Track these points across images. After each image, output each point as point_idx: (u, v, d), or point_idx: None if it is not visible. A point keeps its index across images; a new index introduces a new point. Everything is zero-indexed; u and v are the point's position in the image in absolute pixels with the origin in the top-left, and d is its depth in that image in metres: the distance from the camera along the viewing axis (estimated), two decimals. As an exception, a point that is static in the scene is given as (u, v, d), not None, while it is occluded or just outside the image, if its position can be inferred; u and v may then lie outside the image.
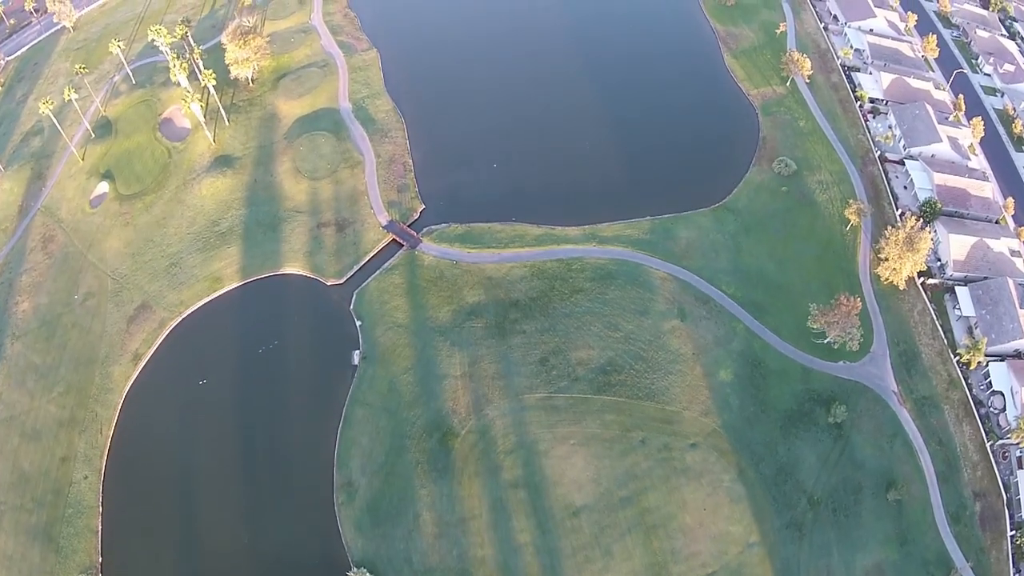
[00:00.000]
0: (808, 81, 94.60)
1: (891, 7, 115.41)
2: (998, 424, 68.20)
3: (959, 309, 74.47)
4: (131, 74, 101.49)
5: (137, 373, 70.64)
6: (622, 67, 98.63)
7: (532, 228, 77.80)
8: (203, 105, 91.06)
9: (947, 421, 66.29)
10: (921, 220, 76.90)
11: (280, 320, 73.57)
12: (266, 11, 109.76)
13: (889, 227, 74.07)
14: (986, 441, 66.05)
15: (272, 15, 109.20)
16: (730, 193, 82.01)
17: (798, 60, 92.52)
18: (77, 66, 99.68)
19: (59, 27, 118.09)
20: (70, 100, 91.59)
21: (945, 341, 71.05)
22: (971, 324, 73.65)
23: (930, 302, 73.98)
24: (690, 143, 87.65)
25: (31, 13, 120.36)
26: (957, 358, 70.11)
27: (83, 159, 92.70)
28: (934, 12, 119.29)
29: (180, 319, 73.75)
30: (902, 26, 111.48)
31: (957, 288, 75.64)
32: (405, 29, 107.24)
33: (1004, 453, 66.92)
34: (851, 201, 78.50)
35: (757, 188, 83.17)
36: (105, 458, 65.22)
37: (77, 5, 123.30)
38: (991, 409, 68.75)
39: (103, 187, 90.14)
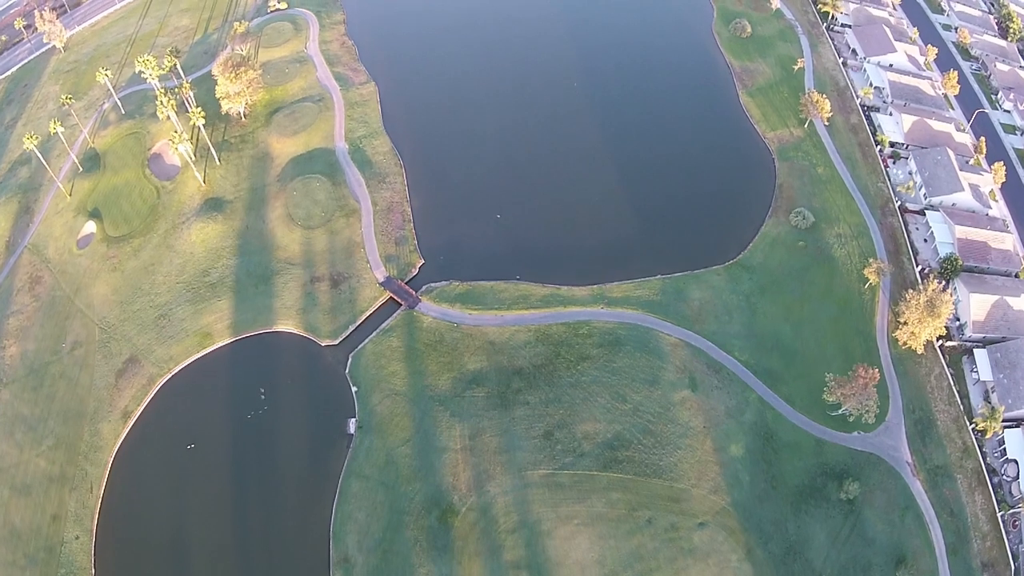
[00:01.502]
0: (827, 124, 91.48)
1: (910, 39, 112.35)
2: (1010, 492, 67.37)
3: (976, 373, 72.79)
4: (120, 104, 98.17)
5: (127, 432, 68.37)
6: (633, 106, 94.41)
7: (537, 288, 74.71)
8: (193, 143, 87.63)
9: (959, 491, 65.08)
10: (941, 279, 74.52)
11: (272, 382, 70.51)
12: (260, 38, 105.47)
13: (910, 290, 71.63)
14: (997, 511, 65.04)
15: (266, 42, 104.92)
16: (745, 248, 79.14)
17: (817, 101, 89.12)
18: (64, 96, 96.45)
19: (50, 46, 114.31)
20: (56, 132, 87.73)
21: (961, 407, 69.43)
22: (988, 388, 71.67)
23: (948, 366, 71.98)
24: (705, 192, 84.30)
25: (21, 31, 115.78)
26: (973, 425, 68.60)
27: (70, 195, 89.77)
28: (952, 43, 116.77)
29: (170, 376, 71.18)
30: (921, 60, 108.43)
31: (975, 350, 73.60)
32: (406, 59, 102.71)
33: (1015, 522, 66.09)
34: (871, 260, 76.00)
35: (773, 243, 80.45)
36: (96, 519, 63.45)
37: (67, 24, 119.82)
38: (1004, 477, 67.66)
39: (90, 227, 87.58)
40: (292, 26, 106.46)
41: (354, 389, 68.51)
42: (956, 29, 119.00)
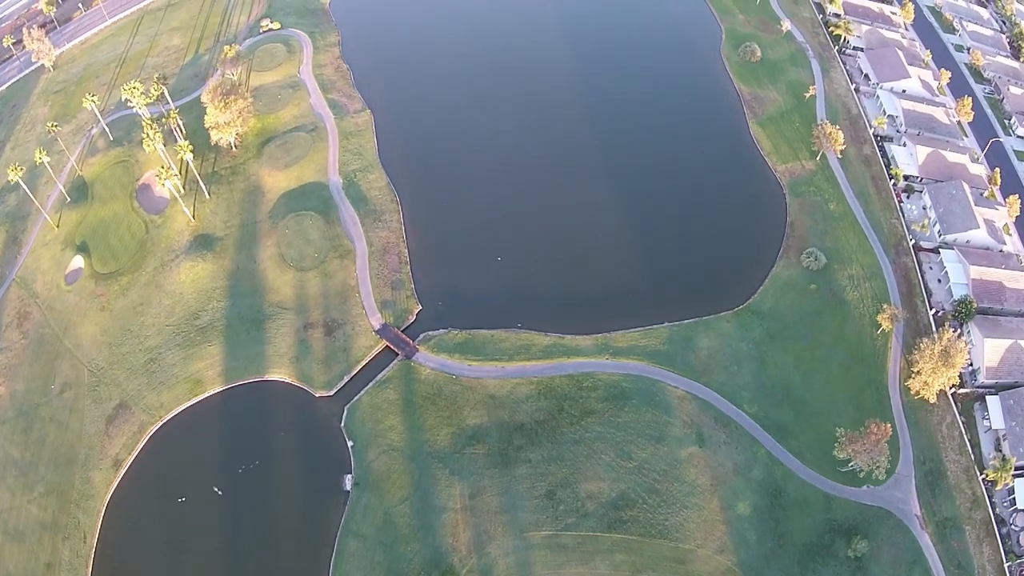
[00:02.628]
0: (840, 156, 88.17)
1: (923, 62, 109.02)
2: (1018, 543, 65.82)
3: (988, 420, 71.07)
4: (108, 130, 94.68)
5: (118, 480, 66.06)
6: (641, 138, 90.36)
7: (539, 337, 71.94)
8: (181, 174, 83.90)
9: (967, 543, 63.55)
10: (955, 323, 72.48)
11: (266, 433, 68.04)
12: (252, 60, 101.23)
13: (924, 339, 69.15)
14: (1005, 561, 63.67)
15: (258, 65, 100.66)
16: (755, 292, 76.33)
17: (831, 134, 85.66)
18: (50, 124, 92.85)
19: (39, 64, 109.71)
20: (42, 163, 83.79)
21: (972, 457, 67.89)
22: (1000, 436, 69.82)
23: (959, 414, 70.11)
24: (714, 231, 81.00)
25: (10, 48, 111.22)
26: (983, 476, 66.94)
27: (58, 226, 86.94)
28: (965, 64, 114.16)
29: (160, 424, 68.60)
30: (935, 85, 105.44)
31: (988, 397, 71.36)
32: (402, 85, 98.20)
33: (1021, 572, 64.46)
34: (884, 306, 73.32)
35: (784, 286, 77.67)
36: (90, 569, 61.19)
37: (57, 41, 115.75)
38: (1013, 527, 66.21)
39: (78, 261, 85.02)
40: (285, 48, 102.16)
41: (350, 443, 66.11)
42: (968, 50, 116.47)
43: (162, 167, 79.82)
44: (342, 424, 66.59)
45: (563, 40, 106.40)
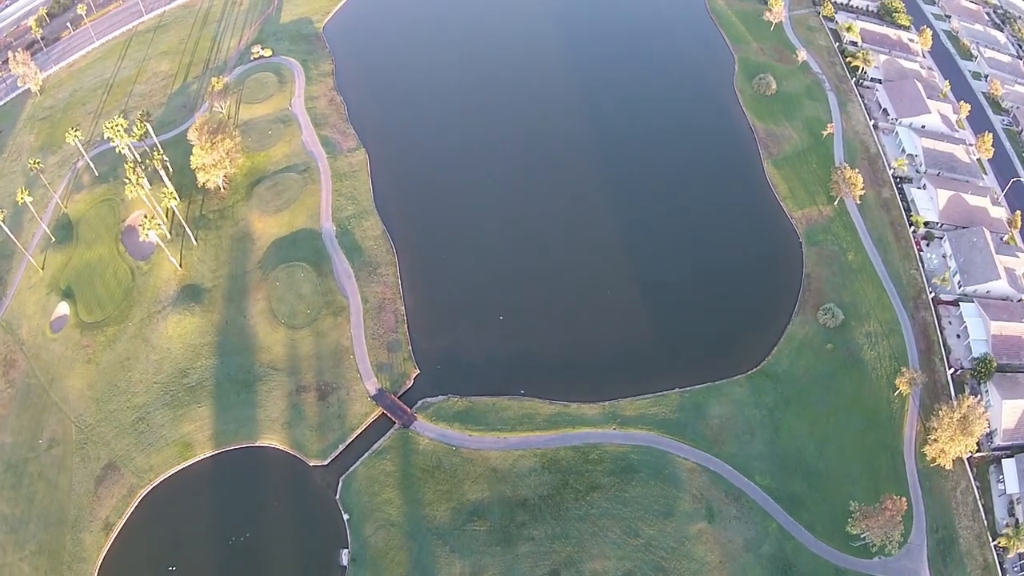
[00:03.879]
0: (859, 202, 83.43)
1: (942, 93, 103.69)
2: None
3: (1003, 484, 68.14)
4: (93, 166, 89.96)
5: (109, 544, 62.73)
6: (650, 183, 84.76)
7: (543, 405, 67.80)
8: (168, 218, 78.85)
9: None
10: (974, 381, 69.18)
11: (258, 503, 64.46)
12: (241, 91, 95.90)
13: (943, 407, 65.33)
14: None
15: (248, 97, 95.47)
16: (770, 353, 72.18)
17: (850, 179, 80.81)
18: (32, 161, 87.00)
19: (25, 88, 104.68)
20: (24, 202, 78.35)
21: (985, 523, 64.91)
22: (1014, 500, 66.69)
23: (974, 478, 67.00)
24: (727, 286, 76.20)
25: None
26: (996, 543, 64.01)
27: (43, 268, 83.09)
28: (983, 94, 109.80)
29: (151, 487, 65.19)
30: (954, 119, 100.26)
31: (1004, 460, 68.18)
32: (399, 120, 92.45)
33: None
34: (903, 369, 69.39)
35: (800, 346, 73.59)
36: None
37: (44, 64, 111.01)
38: None
39: (63, 308, 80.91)
40: (276, 78, 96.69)
41: (346, 517, 62.61)
42: (987, 78, 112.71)
43: (145, 216, 74.71)
44: (337, 496, 63.23)
45: (570, 72, 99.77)
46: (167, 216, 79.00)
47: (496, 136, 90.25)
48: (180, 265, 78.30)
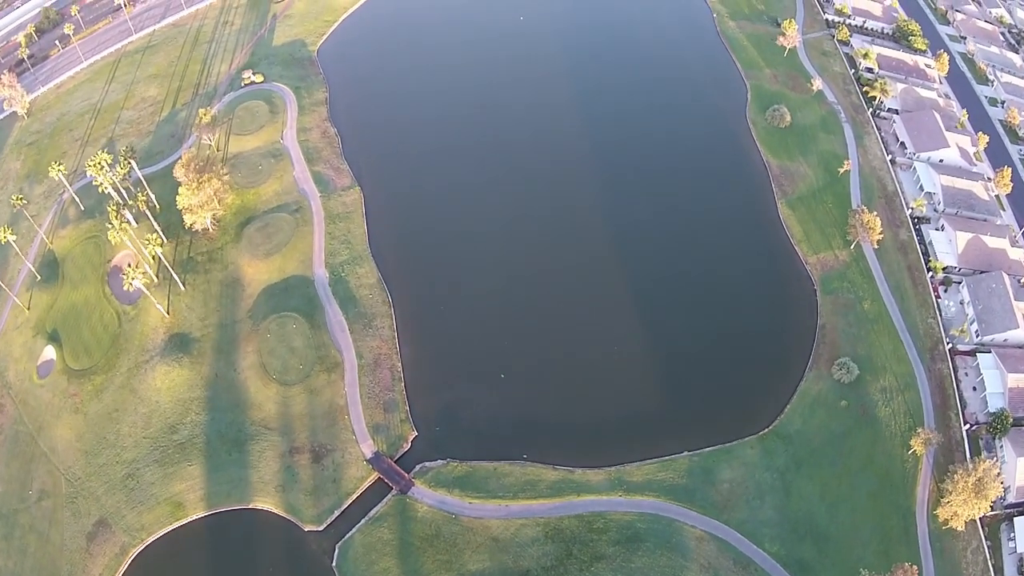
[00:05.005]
0: (876, 247, 78.54)
1: (959, 123, 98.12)
2: None
3: (1014, 542, 64.84)
4: (78, 200, 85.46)
5: None
6: (660, 228, 79.37)
7: (547, 471, 64.12)
8: (154, 260, 73.64)
9: None
10: (988, 436, 65.68)
11: (252, 568, 60.79)
12: (231, 121, 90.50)
13: (958, 467, 62.16)
14: None
15: (238, 127, 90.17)
16: (782, 412, 68.48)
17: (868, 222, 76.15)
18: (15, 197, 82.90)
19: (12, 110, 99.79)
20: (8, 240, 74.78)
21: None
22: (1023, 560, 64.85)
23: (985, 538, 63.67)
24: (739, 340, 71.72)
25: None
26: None
27: (29, 308, 79.50)
28: (1000, 122, 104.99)
29: (143, 547, 62.13)
30: (972, 151, 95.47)
31: (1016, 519, 64.86)
32: (395, 155, 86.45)
33: None
34: (919, 429, 65.97)
35: (813, 403, 69.77)
36: None
37: (32, 84, 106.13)
38: None
39: (50, 352, 77.52)
40: (267, 107, 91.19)
41: (342, 586, 63.72)
42: (1003, 104, 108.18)
43: (130, 265, 70.44)
44: (334, 564, 59.69)
45: (577, 102, 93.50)
46: (154, 259, 74.32)
47: (497, 173, 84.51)
48: (168, 312, 74.11)
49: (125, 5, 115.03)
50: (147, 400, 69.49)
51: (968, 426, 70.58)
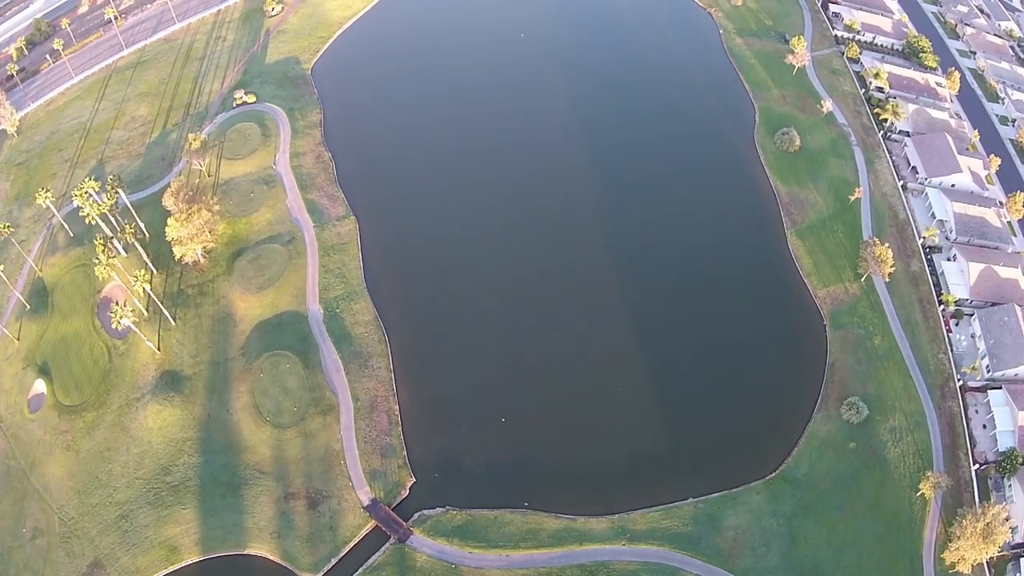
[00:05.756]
0: (888, 280, 75.24)
1: (971, 145, 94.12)
2: None
3: None
4: (67, 226, 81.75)
5: None
6: (665, 260, 75.31)
7: (548, 519, 61.26)
8: (143, 293, 70.04)
9: None
10: (997, 476, 63.51)
11: None
12: (223, 144, 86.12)
13: (967, 513, 59.55)
14: None
15: (230, 151, 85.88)
16: (790, 455, 65.52)
17: (879, 255, 72.71)
18: (2, 226, 79.53)
19: (2, 128, 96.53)
20: None
21: None
22: None
23: None
24: (746, 379, 68.48)
25: None
26: None
27: (18, 339, 76.55)
28: (1011, 141, 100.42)
29: None
30: (984, 175, 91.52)
31: (1023, 559, 62.74)
32: (392, 181, 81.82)
33: None
34: (928, 474, 63.47)
35: (821, 445, 66.81)
36: None
37: (22, 101, 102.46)
38: None
39: (40, 386, 74.79)
40: (260, 130, 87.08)
41: (338, 637, 61.18)
42: (1014, 123, 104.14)
43: (117, 303, 66.92)
44: (329, 615, 60.51)
45: (581, 128, 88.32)
46: (143, 293, 70.68)
47: (498, 203, 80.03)
48: (158, 348, 71.01)
49: (116, 18, 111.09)
50: (139, 440, 67.00)
51: (977, 466, 68.19)
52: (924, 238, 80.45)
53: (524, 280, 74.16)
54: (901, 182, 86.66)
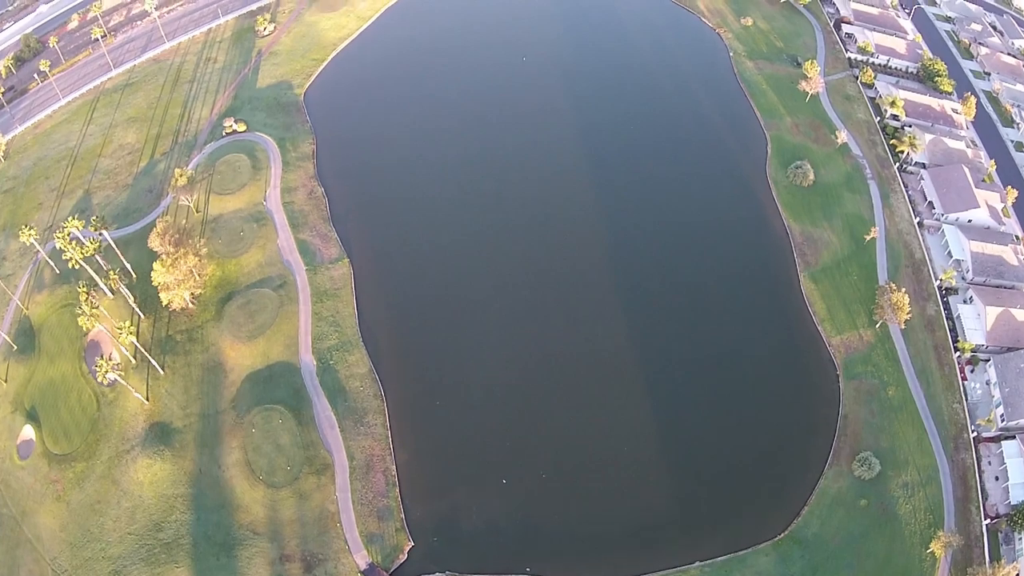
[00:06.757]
0: (904, 326, 70.76)
1: (987, 175, 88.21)
2: None
3: None
4: (52, 263, 76.61)
5: None
6: (672, 308, 69.75)
7: (551, 587, 61.65)
8: (130, 346, 65.85)
9: None
10: (1008, 529, 60.16)
11: None
12: (212, 177, 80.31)
13: (976, 573, 56.45)
14: None
15: (219, 185, 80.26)
16: (799, 514, 61.46)
17: (896, 302, 68.20)
18: None
19: None
20: None
21: None
22: None
23: None
24: (756, 434, 63.85)
25: None
26: None
27: (6, 380, 72.76)
28: None
29: None
30: (1000, 208, 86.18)
31: None
32: (388, 219, 76.62)
33: None
34: (939, 533, 59.91)
35: (832, 503, 62.99)
36: None
37: (8, 123, 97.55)
38: None
39: (29, 432, 70.93)
40: (250, 162, 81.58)
41: None
42: None
43: (100, 358, 62.83)
44: None
45: (584, 160, 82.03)
46: (130, 344, 65.77)
47: (501, 243, 74.38)
48: (147, 398, 66.86)
49: (105, 36, 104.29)
50: (130, 494, 63.20)
51: (989, 520, 64.14)
52: (941, 280, 75.49)
53: (527, 332, 68.85)
54: (917, 219, 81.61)
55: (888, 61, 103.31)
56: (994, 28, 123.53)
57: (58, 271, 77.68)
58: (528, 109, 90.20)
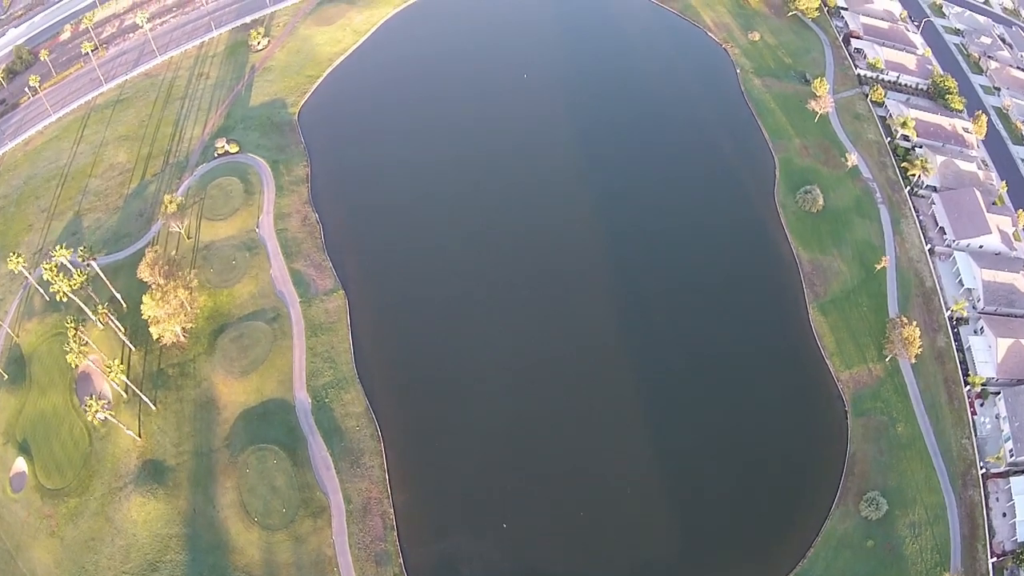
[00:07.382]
0: (914, 360, 67.79)
1: (999, 198, 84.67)
2: None
3: None
4: (43, 291, 73.55)
5: None
6: (676, 344, 66.59)
7: (553, 637, 59.18)
8: (121, 382, 62.44)
9: None
10: (1014, 567, 58.04)
11: None
12: (203, 200, 76.95)
13: None
14: None
15: (210, 210, 76.93)
16: (804, 557, 58.95)
17: (907, 336, 65.42)
18: None
19: None
20: None
21: None
22: None
23: None
24: (761, 474, 61.31)
25: None
26: None
27: None
28: None
29: None
30: (1011, 232, 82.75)
31: None
32: (384, 248, 72.63)
33: None
34: (945, 574, 57.10)
35: (839, 544, 60.49)
36: None
37: None
38: None
39: (21, 464, 68.54)
40: (242, 186, 78.06)
41: None
42: None
43: (91, 397, 60.11)
44: None
45: (587, 183, 78.32)
46: (120, 383, 63.14)
47: (505, 273, 70.66)
48: (139, 435, 64.36)
49: (96, 50, 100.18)
50: (124, 532, 61.11)
51: (995, 558, 61.77)
52: (952, 310, 72.55)
53: (529, 366, 65.79)
54: (928, 245, 78.32)
55: (898, 77, 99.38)
56: (1003, 40, 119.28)
57: (47, 298, 74.71)
58: (531, 128, 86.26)
